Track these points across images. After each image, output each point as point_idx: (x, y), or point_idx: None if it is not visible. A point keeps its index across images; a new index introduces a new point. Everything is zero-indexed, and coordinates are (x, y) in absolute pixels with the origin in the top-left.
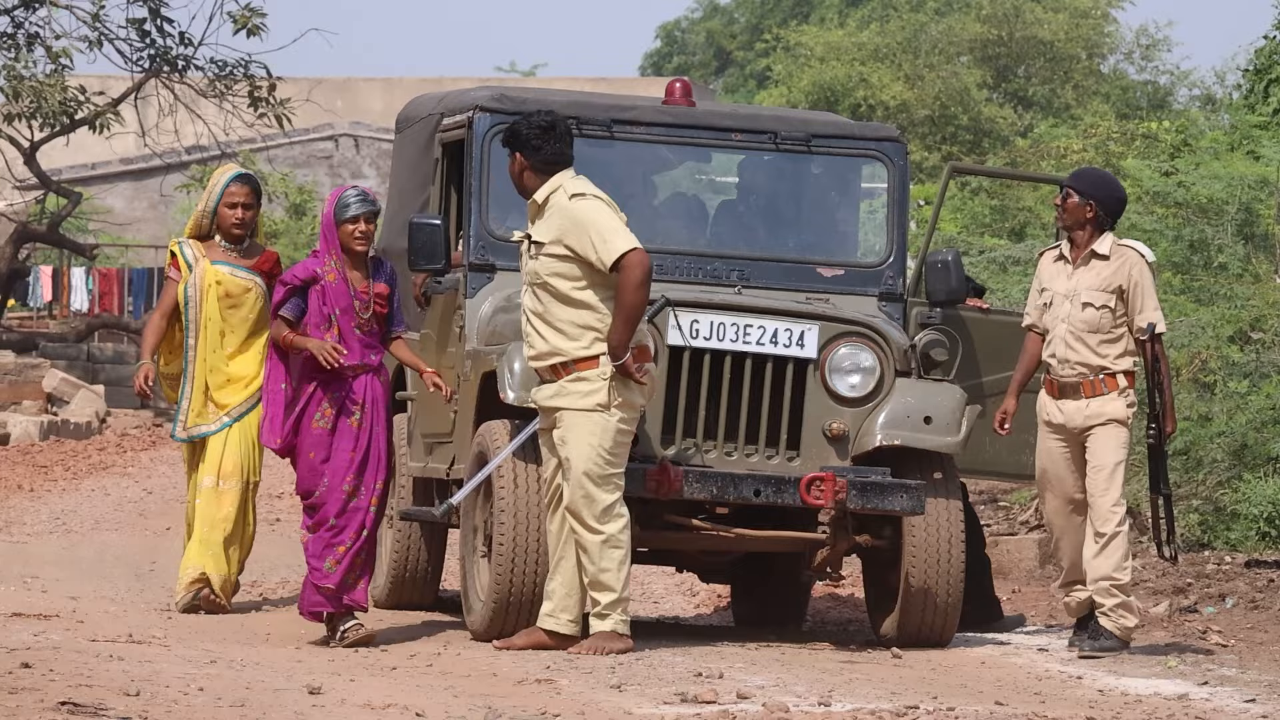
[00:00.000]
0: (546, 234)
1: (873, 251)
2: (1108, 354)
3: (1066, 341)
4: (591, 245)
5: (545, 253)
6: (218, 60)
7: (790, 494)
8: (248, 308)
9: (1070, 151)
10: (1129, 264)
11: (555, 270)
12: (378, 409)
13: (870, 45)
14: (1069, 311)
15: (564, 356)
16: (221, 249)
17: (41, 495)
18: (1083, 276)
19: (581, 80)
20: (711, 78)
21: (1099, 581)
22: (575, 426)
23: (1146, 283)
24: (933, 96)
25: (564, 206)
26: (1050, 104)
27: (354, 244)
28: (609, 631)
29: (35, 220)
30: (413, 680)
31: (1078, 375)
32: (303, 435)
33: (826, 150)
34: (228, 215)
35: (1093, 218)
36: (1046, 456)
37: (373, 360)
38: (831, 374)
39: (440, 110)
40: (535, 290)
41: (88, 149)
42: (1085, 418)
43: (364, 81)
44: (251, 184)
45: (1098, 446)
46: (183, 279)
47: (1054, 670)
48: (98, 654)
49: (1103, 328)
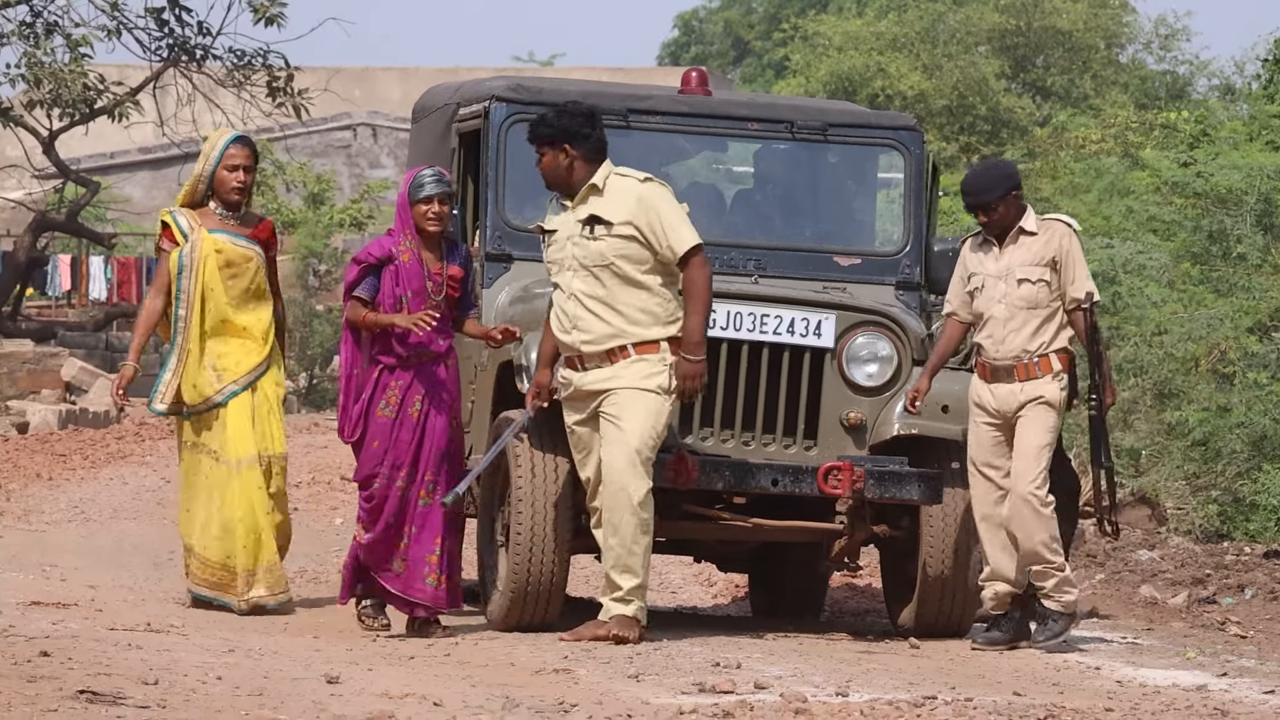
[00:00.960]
0: (616, 214)
1: (890, 240)
2: (1044, 334)
3: (1004, 322)
4: (663, 230)
5: (615, 233)
6: (236, 50)
7: (808, 483)
8: (248, 278)
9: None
10: (1058, 235)
11: (623, 252)
12: (441, 397)
13: (888, 35)
14: (1005, 291)
15: (625, 340)
16: (218, 217)
17: (60, 484)
18: (1013, 254)
19: (599, 70)
20: (729, 67)
21: (1035, 566)
22: (633, 404)
23: (1077, 252)
24: (951, 86)
25: (632, 189)
26: (1069, 94)
27: (427, 224)
28: (632, 617)
29: (54, 209)
30: (430, 670)
31: (1012, 359)
32: (369, 424)
33: (843, 139)
34: (227, 179)
35: (1021, 204)
36: (976, 442)
37: (440, 346)
38: (849, 363)
39: (456, 100)
40: (595, 272)
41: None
42: (1018, 401)
43: (381, 71)
44: (250, 146)
45: (1024, 429)
46: (178, 248)
47: (1072, 661)
48: (116, 643)
49: (1041, 302)
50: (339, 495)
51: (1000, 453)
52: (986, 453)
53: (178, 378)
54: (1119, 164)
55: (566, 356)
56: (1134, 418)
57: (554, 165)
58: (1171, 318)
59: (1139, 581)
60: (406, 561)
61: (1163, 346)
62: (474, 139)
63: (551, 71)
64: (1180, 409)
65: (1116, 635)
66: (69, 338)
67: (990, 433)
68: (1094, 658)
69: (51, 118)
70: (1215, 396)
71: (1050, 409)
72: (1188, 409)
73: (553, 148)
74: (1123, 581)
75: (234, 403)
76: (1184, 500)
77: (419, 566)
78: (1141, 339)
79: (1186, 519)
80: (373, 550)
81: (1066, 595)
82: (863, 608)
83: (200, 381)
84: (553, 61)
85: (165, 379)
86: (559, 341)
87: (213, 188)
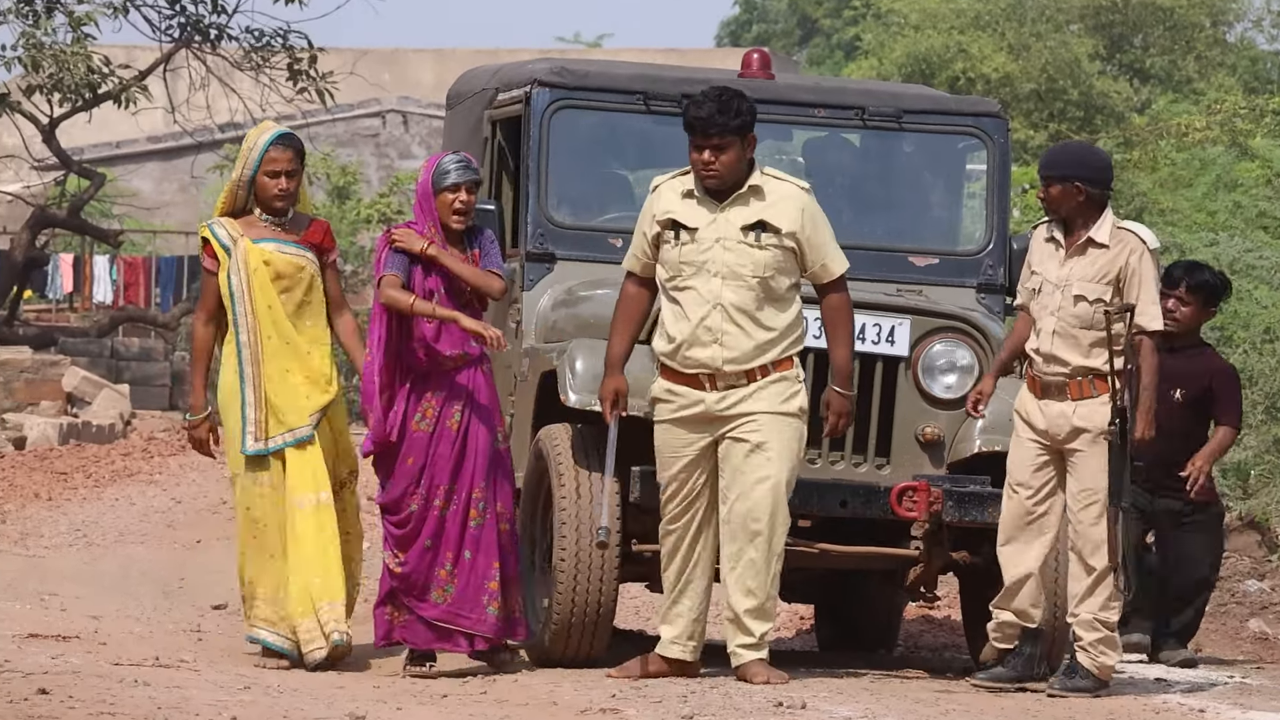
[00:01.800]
0: (784, 222)
1: (971, 239)
2: (1099, 355)
3: (1054, 338)
4: (821, 247)
5: (779, 244)
6: (254, 30)
7: (880, 505)
8: (302, 290)
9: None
10: (1127, 250)
11: (781, 265)
12: (481, 406)
13: (970, 12)
14: (1059, 304)
15: (766, 358)
16: (263, 224)
17: (61, 504)
18: (1076, 265)
19: (651, 52)
20: (795, 48)
21: (1082, 616)
22: (778, 432)
23: (1145, 271)
24: (1039, 69)
25: (796, 196)
26: (1170, 77)
27: (452, 218)
28: (766, 660)
29: (54, 204)
30: (465, 709)
31: (1063, 376)
32: (402, 439)
33: (919, 127)
34: (268, 185)
35: (1084, 200)
36: (1018, 459)
37: (474, 349)
38: (925, 373)
39: (495, 85)
40: (751, 284)
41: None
42: (1070, 424)
43: (413, 53)
44: (294, 146)
45: (1087, 468)
46: (222, 267)
47: (1173, 702)
48: (121, 679)
49: (1096, 324)
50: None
51: (1042, 476)
52: (1025, 472)
53: (262, 411)
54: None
55: (684, 372)
56: (1243, 433)
57: (738, 160)
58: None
59: (1247, 615)
60: (454, 590)
61: (1275, 354)
62: (513, 127)
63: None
64: None
65: (1222, 674)
66: (71, 344)
67: (1035, 452)
68: (1197, 699)
69: (52, 103)
70: None
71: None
72: None
73: (740, 138)
74: (1229, 615)
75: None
76: None
77: (477, 594)
78: (1251, 345)
79: None
80: (408, 580)
81: (1104, 658)
82: (940, 642)
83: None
84: (600, 42)
85: (250, 415)
86: (682, 355)
87: (254, 193)
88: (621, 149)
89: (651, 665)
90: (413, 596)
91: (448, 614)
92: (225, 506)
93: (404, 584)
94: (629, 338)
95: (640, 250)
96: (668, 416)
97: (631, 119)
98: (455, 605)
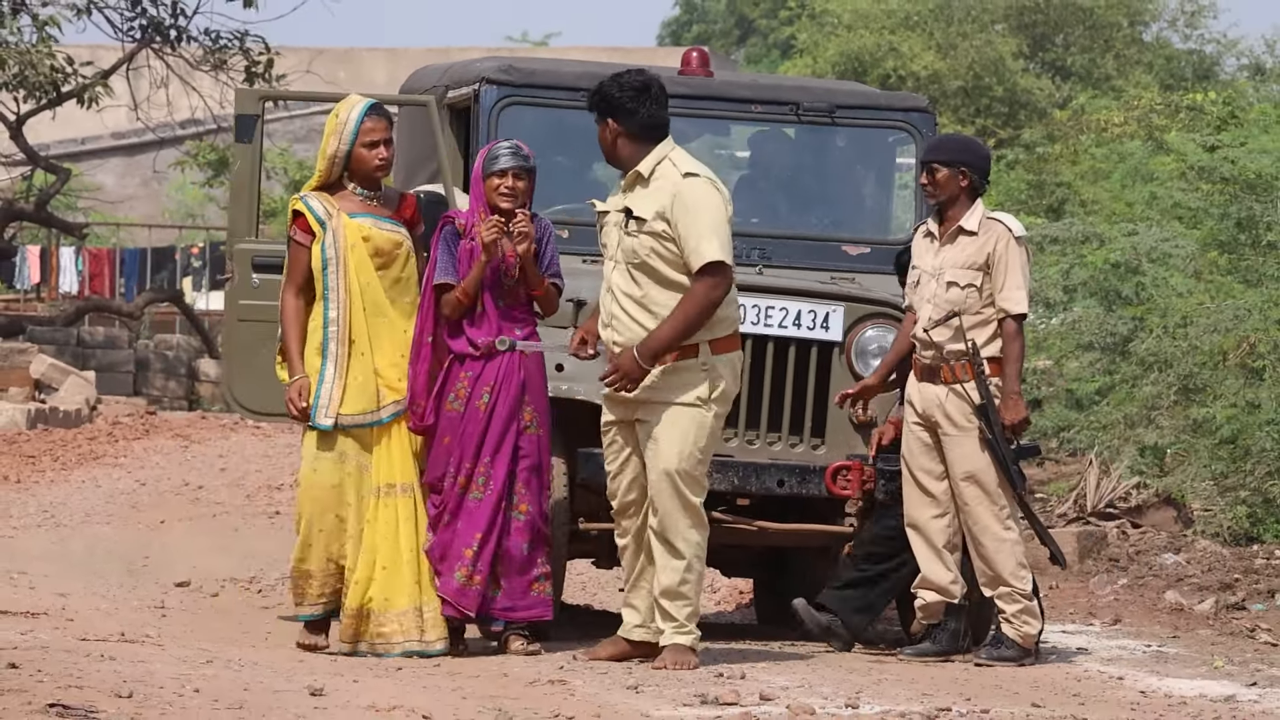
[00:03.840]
0: (649, 208)
1: (901, 228)
2: (974, 339)
3: (931, 323)
4: (690, 234)
5: (646, 230)
6: (212, 32)
7: (815, 484)
8: (399, 266)
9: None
10: (994, 238)
11: (655, 249)
12: (512, 388)
13: (900, 12)
14: (934, 291)
15: None
16: (359, 199)
17: (29, 486)
18: (948, 254)
19: (596, 50)
20: (733, 47)
21: (1000, 589)
22: (673, 421)
23: (1013, 259)
24: (966, 66)
25: (675, 182)
26: (1090, 74)
27: (500, 200)
28: (688, 646)
29: (21, 198)
30: (419, 681)
31: (937, 359)
32: (439, 418)
33: (851, 121)
34: (368, 157)
35: (967, 186)
36: (908, 444)
37: (517, 335)
38: (858, 357)
39: (445, 82)
40: (631, 270)
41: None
42: (942, 407)
43: (367, 52)
44: (386, 115)
45: (960, 450)
46: (316, 240)
47: (1093, 670)
48: (88, 654)
49: (969, 308)
50: None
51: (931, 457)
52: (917, 456)
53: (340, 388)
54: (1143, 148)
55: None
56: (1158, 414)
57: (601, 140)
58: (1198, 309)
59: (1164, 587)
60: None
61: (1188, 339)
62: (463, 122)
63: (546, 52)
64: (1207, 405)
65: (1140, 643)
66: (38, 333)
67: (919, 434)
68: (1117, 667)
69: (18, 100)
70: (1244, 392)
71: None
72: (1215, 405)
73: (599, 120)
74: (1147, 587)
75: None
76: (1211, 501)
77: (525, 585)
78: (1166, 331)
79: (1214, 521)
80: (432, 554)
81: (1027, 627)
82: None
83: (362, 392)
84: (548, 41)
85: (326, 390)
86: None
87: (349, 167)
88: (567, 144)
89: (616, 648)
90: (438, 572)
91: (504, 612)
92: (187, 488)
93: (430, 558)
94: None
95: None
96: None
97: (576, 115)
98: (482, 584)
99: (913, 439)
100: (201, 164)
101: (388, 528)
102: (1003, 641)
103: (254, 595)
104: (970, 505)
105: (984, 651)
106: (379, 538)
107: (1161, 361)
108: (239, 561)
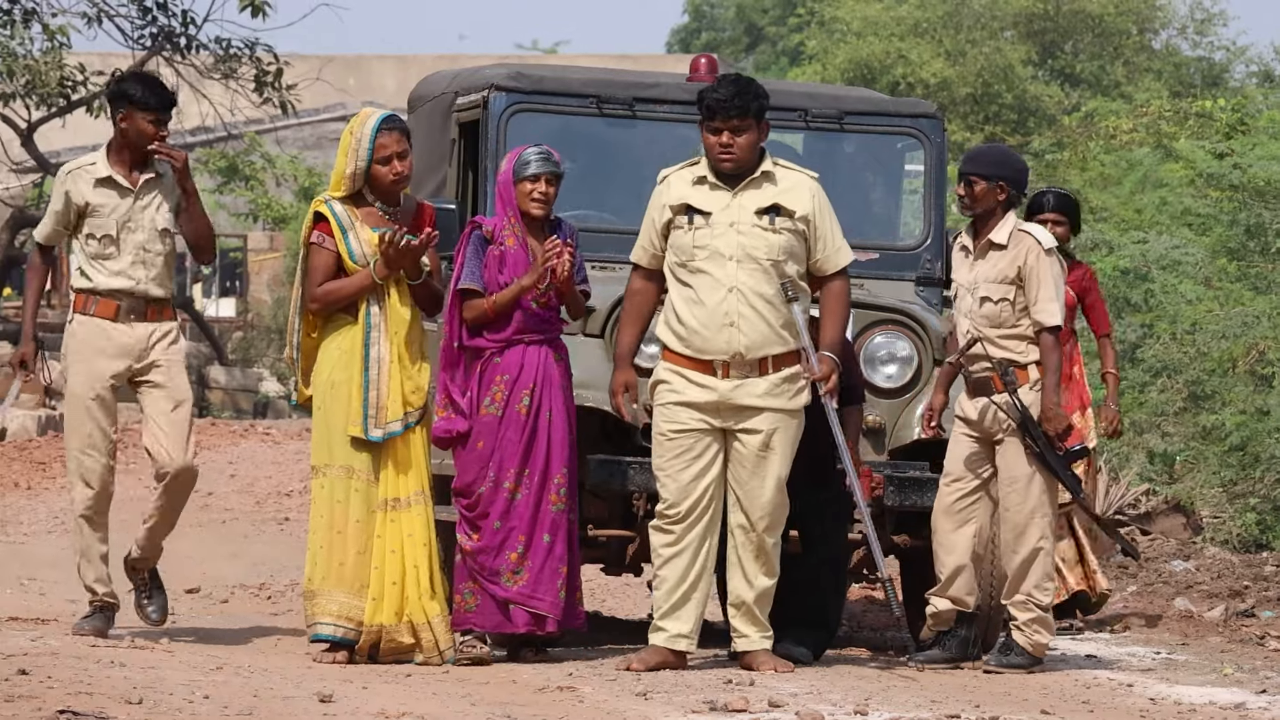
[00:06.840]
0: (798, 206)
1: (910, 234)
2: (1014, 348)
3: (970, 337)
4: (830, 237)
5: (791, 228)
6: (222, 40)
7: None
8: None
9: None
10: (1024, 251)
11: (793, 249)
12: (552, 389)
13: (910, 20)
14: (970, 306)
15: (778, 349)
16: (380, 214)
17: (39, 493)
18: (980, 268)
19: (605, 58)
20: (742, 55)
21: (1017, 596)
22: (785, 430)
23: (1043, 271)
24: (975, 74)
25: (807, 184)
26: (1099, 81)
27: (531, 206)
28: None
29: (32, 205)
30: (428, 688)
31: (985, 371)
32: (475, 422)
33: (859, 128)
34: (384, 173)
35: (1005, 200)
36: (953, 453)
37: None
38: (867, 364)
39: (454, 89)
40: (766, 268)
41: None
42: (995, 415)
43: (377, 59)
44: (400, 126)
45: (1010, 456)
46: (340, 243)
47: (1103, 678)
48: (98, 660)
49: (1005, 322)
50: None
51: (974, 468)
52: (959, 465)
53: (387, 398)
54: (1152, 155)
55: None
56: (1165, 420)
57: (740, 143)
58: (1207, 315)
59: (1173, 594)
60: (526, 575)
61: (1196, 346)
62: (472, 129)
63: (555, 59)
64: (1216, 412)
65: (1150, 650)
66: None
67: (968, 443)
68: (1126, 674)
69: (29, 109)
70: (1253, 399)
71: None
72: (1224, 412)
73: (758, 121)
74: (1156, 594)
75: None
76: (1220, 508)
77: (552, 578)
78: (1175, 338)
79: (1223, 528)
80: (479, 557)
81: (1039, 636)
82: (883, 622)
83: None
84: (557, 49)
85: (373, 400)
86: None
87: (368, 183)
88: (575, 150)
89: (659, 656)
90: (484, 576)
91: (521, 595)
92: (197, 494)
93: (474, 562)
94: (637, 332)
95: (648, 241)
96: (671, 400)
97: (585, 121)
98: (530, 587)
99: (959, 448)
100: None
101: (396, 543)
102: (1012, 648)
103: (264, 601)
104: (1011, 512)
105: (993, 658)
106: (387, 553)
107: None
108: (249, 567)
